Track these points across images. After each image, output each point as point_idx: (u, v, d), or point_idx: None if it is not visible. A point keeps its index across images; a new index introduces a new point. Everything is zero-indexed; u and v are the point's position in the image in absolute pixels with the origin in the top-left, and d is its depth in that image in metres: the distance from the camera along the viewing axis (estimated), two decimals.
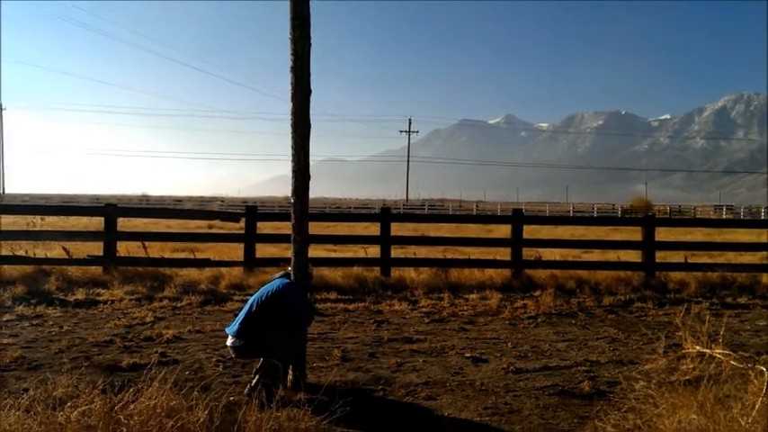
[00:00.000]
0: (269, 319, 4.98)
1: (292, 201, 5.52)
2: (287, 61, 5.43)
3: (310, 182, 5.59)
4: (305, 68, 5.39)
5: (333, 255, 14.21)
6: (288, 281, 5.33)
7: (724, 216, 54.78)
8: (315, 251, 13.64)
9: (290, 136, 5.45)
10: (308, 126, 5.47)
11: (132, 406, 3.31)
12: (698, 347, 4.47)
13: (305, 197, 5.50)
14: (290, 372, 5.22)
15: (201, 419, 3.34)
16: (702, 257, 13.20)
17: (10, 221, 21.01)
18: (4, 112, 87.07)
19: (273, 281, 5.36)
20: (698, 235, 22.04)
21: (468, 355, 6.54)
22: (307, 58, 5.40)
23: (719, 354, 4.33)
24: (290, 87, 5.42)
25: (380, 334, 7.51)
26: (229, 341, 5.04)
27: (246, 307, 5.09)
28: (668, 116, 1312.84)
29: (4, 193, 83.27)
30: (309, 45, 5.41)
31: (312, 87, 5.51)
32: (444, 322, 8.28)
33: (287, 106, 5.48)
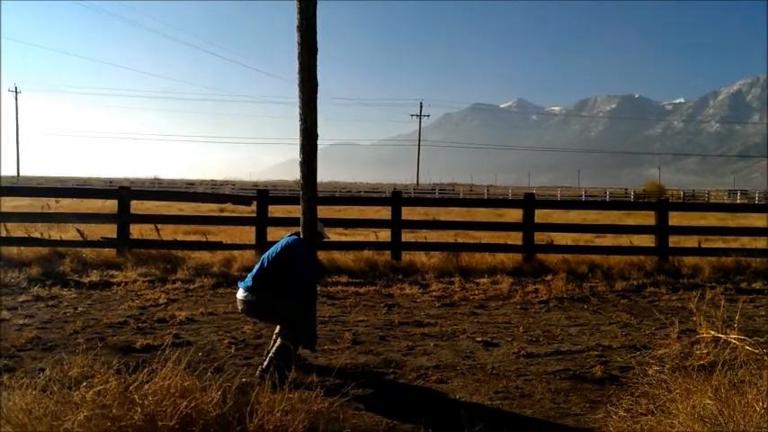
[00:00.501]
0: (279, 274, 5.11)
1: (300, 159, 5.52)
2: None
3: (321, 165, 5.61)
4: (311, 26, 5.36)
5: (344, 238, 14.22)
6: (297, 237, 5.44)
7: (738, 201, 54.29)
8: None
9: (290, 118, 5.50)
10: (316, 85, 5.46)
11: (146, 386, 3.33)
12: (712, 332, 4.44)
13: (312, 155, 5.51)
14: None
15: (215, 400, 3.36)
16: (716, 242, 13.11)
17: (26, 204, 21.20)
18: (19, 95, 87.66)
19: (283, 238, 5.45)
20: (711, 220, 21.89)
21: (480, 339, 6.54)
22: (312, 15, 5.36)
23: (734, 339, 4.31)
24: (296, 46, 5.39)
25: (391, 317, 7.53)
26: (241, 294, 5.17)
27: (258, 263, 5.27)
28: (682, 100, 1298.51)
29: (19, 175, 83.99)
30: (315, 2, 5.37)
31: (323, 72, 5.51)
32: (455, 306, 8.28)
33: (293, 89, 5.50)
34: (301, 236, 5.54)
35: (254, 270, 5.25)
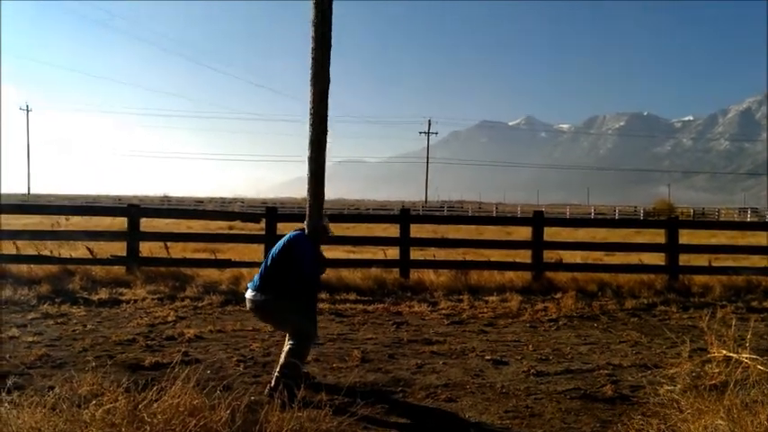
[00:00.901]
0: (283, 271, 5.14)
1: (308, 154, 5.49)
2: (305, 64, 5.45)
3: (328, 183, 5.60)
4: (326, 19, 5.37)
5: (352, 256, 14.22)
6: (301, 232, 5.45)
7: (749, 219, 53.95)
8: (334, 252, 13.67)
9: (297, 136, 5.52)
10: (328, 79, 5.45)
11: (156, 405, 3.33)
12: (724, 352, 4.40)
13: (321, 150, 5.47)
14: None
15: (224, 419, 3.36)
16: (727, 261, 13.01)
17: (36, 221, 21.36)
18: (29, 113, 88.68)
19: (287, 234, 5.48)
20: (722, 238, 21.75)
21: (489, 357, 6.51)
22: (328, 8, 5.36)
23: (746, 358, 4.27)
24: (310, 42, 5.41)
25: (400, 335, 7.50)
26: (249, 293, 5.23)
27: (264, 261, 5.33)
28: (691, 117, 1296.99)
29: (29, 193, 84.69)
30: None
31: (330, 88, 5.51)
32: (464, 324, 8.25)
33: (304, 107, 5.52)
34: (306, 231, 5.50)
35: (261, 268, 5.31)
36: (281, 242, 5.36)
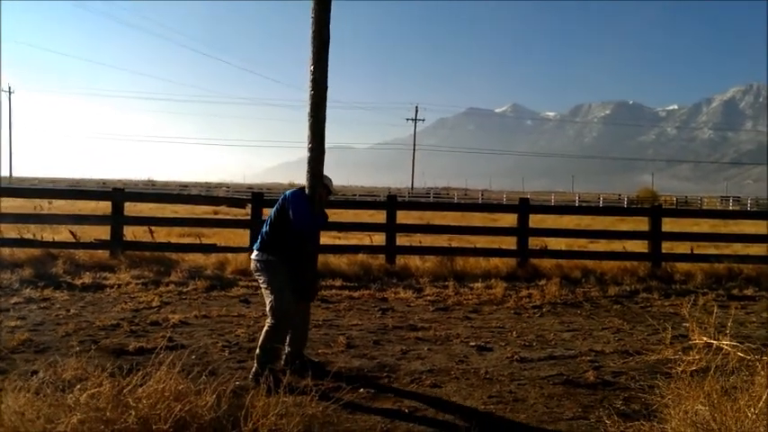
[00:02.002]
0: (281, 229, 5.22)
1: (308, 111, 5.45)
2: (298, 49, 5.41)
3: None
4: None
5: (338, 242, 14.22)
6: (296, 189, 5.45)
7: (731, 207, 54.56)
8: (320, 238, 13.64)
9: (290, 122, 5.49)
10: (328, 38, 5.45)
11: (141, 389, 3.33)
12: (705, 338, 4.47)
13: (321, 104, 5.44)
14: (287, 346, 5.30)
15: (209, 403, 3.36)
16: (709, 249, 13.16)
17: (18, 204, 21.09)
18: (12, 95, 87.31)
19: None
20: (704, 226, 21.95)
21: (473, 343, 6.55)
22: None
23: (726, 345, 4.33)
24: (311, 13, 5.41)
25: (385, 321, 7.53)
26: (253, 254, 5.34)
27: (264, 223, 5.42)
28: (676, 106, 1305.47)
29: (11, 176, 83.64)
30: None
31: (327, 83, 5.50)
32: (449, 311, 8.29)
33: (293, 93, 5.49)
34: (307, 190, 5.47)
35: (263, 228, 5.38)
36: (278, 201, 5.42)
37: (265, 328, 5.16)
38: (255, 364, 5.10)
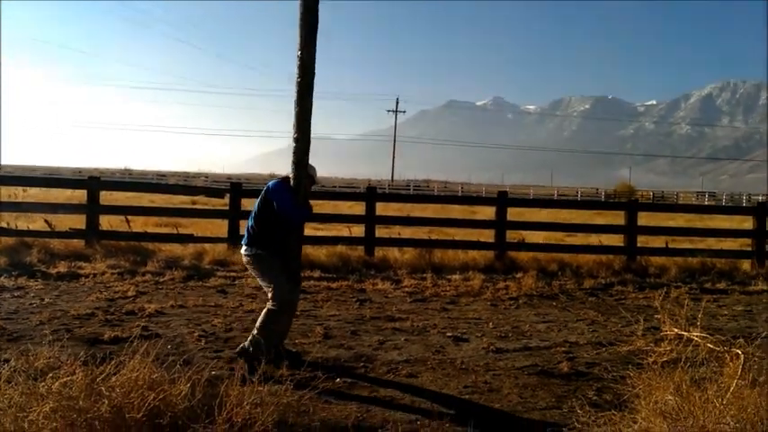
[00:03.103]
0: (266, 221, 5.19)
1: (294, 98, 5.41)
2: (281, 36, 5.38)
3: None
4: None
5: (317, 233, 14.19)
6: (278, 180, 5.44)
7: (706, 202, 55.38)
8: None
9: (270, 111, 5.44)
10: (316, 20, 5.41)
11: (114, 378, 3.31)
12: (676, 330, 4.55)
13: (309, 83, 5.42)
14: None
15: (183, 393, 3.35)
16: (683, 243, 13.37)
17: None
18: None
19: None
20: (680, 221, 22.31)
21: (450, 334, 6.60)
22: None
23: (697, 337, 4.41)
24: None
25: (363, 312, 7.55)
26: (242, 249, 5.32)
27: (249, 216, 5.39)
28: (654, 102, 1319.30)
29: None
30: None
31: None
32: (427, 302, 8.33)
33: (271, 83, 5.46)
34: (291, 180, 5.42)
35: (248, 221, 5.35)
36: (261, 193, 5.38)
37: (266, 310, 5.15)
38: (250, 345, 5.06)
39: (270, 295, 5.17)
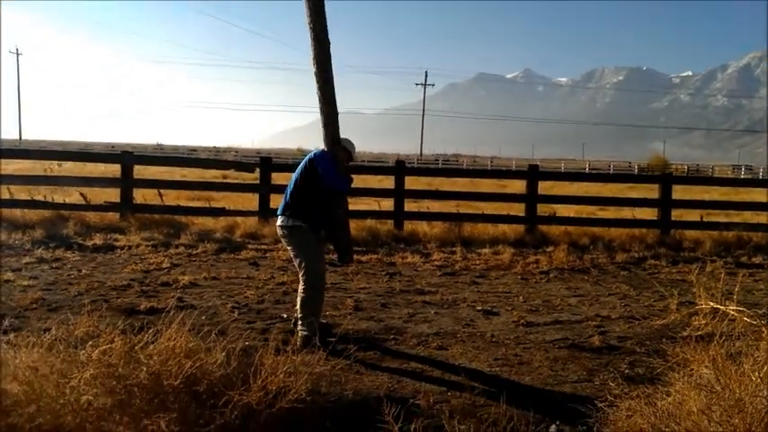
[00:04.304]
0: (307, 192, 5.16)
1: (314, 70, 5.37)
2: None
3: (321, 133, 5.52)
4: None
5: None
6: (319, 150, 5.39)
7: (742, 176, 54.07)
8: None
9: (298, 85, 5.41)
10: None
11: (152, 347, 3.38)
12: (711, 304, 4.47)
13: (327, 64, 5.39)
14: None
15: (219, 361, 3.41)
16: (719, 216, 13.09)
17: (28, 166, 21.20)
18: (19, 56, 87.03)
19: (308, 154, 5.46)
20: (714, 194, 21.84)
21: (480, 307, 6.60)
22: None
23: (733, 311, 4.34)
24: None
25: (392, 285, 7.58)
26: (278, 220, 5.28)
27: (288, 186, 5.33)
28: (690, 73, 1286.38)
29: (21, 138, 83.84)
30: None
31: (329, 38, 5.40)
32: (456, 275, 8.33)
33: (301, 56, 5.43)
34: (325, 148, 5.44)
35: (285, 192, 5.31)
36: (302, 163, 5.34)
37: (301, 295, 5.12)
38: (302, 330, 5.07)
39: (301, 273, 5.14)
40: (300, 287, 5.16)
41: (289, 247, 5.32)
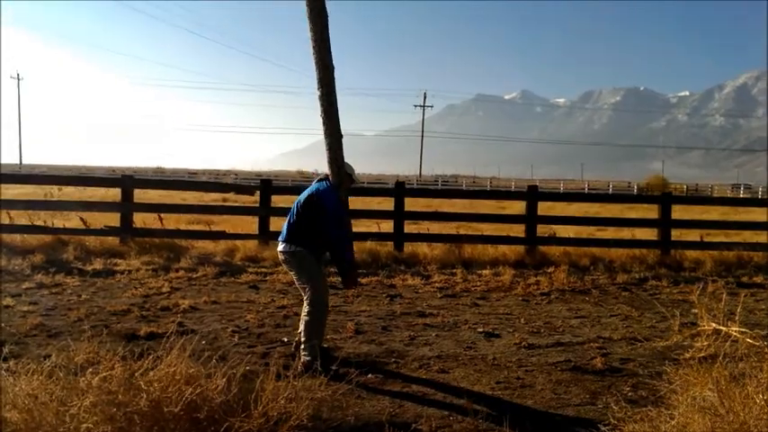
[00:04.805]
0: (308, 222, 5.16)
1: (318, 94, 5.43)
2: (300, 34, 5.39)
3: (324, 156, 5.56)
4: None
5: None
6: (325, 183, 5.38)
7: (741, 195, 54.16)
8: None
9: (296, 108, 5.47)
10: (326, 19, 5.42)
11: (152, 373, 3.36)
12: (713, 325, 4.46)
13: (331, 88, 5.45)
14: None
15: (219, 387, 3.39)
16: (718, 236, 13.09)
17: (29, 191, 21.26)
18: (20, 82, 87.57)
19: (313, 184, 5.46)
20: (714, 214, 21.86)
21: (481, 329, 6.57)
22: None
23: (735, 332, 4.32)
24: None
25: (393, 308, 7.56)
26: (279, 246, 5.28)
27: (290, 211, 5.33)
28: (687, 93, 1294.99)
29: (21, 163, 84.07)
30: None
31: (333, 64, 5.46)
32: (457, 297, 8.31)
33: (301, 80, 5.49)
34: (330, 177, 5.45)
35: (287, 219, 5.32)
36: (306, 191, 5.35)
37: (305, 318, 5.11)
38: (305, 355, 5.04)
39: (305, 297, 5.15)
40: (304, 310, 5.15)
41: (291, 272, 5.32)
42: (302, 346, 5.09)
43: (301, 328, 5.15)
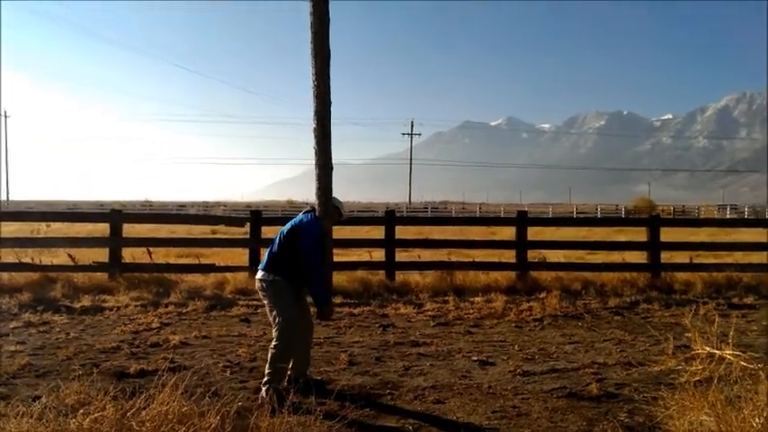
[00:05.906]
0: (289, 254, 5.13)
1: (313, 126, 5.47)
2: (288, 65, 5.47)
3: (312, 186, 5.58)
4: None
5: (337, 258, 14.18)
6: (311, 216, 5.36)
7: (728, 216, 54.64)
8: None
9: (284, 139, 5.51)
10: (329, 53, 5.50)
11: (144, 412, 3.31)
12: (707, 348, 4.47)
13: (326, 120, 5.48)
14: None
15: (213, 425, 3.35)
16: (708, 258, 13.16)
17: (15, 228, 21.06)
18: (7, 119, 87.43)
19: (299, 215, 5.43)
20: (702, 235, 21.97)
21: (475, 358, 6.54)
22: None
23: (729, 354, 4.33)
24: (308, 17, 5.47)
25: (386, 338, 7.51)
26: (258, 273, 5.25)
27: (272, 242, 5.32)
28: (670, 116, 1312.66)
29: (8, 199, 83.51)
30: None
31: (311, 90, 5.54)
32: (450, 326, 8.27)
33: (284, 111, 5.55)
34: (317, 207, 5.44)
35: (269, 248, 5.30)
36: (290, 222, 5.36)
37: (272, 350, 5.10)
38: (265, 389, 5.00)
39: (274, 327, 5.10)
40: (272, 343, 5.11)
41: (265, 300, 5.28)
42: (264, 379, 5.06)
43: (268, 360, 5.10)
